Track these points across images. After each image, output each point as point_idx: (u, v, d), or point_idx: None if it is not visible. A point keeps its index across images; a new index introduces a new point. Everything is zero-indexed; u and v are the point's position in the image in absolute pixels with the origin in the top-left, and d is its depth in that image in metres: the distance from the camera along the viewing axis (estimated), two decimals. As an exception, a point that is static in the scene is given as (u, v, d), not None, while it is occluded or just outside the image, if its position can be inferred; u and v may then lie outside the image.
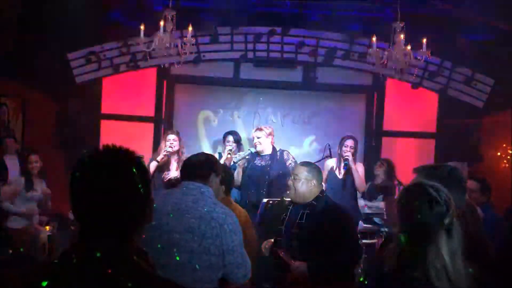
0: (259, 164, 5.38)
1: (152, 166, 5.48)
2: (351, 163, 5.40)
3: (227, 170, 3.73)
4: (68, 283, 1.20)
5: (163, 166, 5.60)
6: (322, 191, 3.48)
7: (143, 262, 1.29)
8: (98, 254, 1.22)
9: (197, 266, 2.47)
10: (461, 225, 1.89)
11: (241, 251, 2.61)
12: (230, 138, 5.87)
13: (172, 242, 2.52)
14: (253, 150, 5.49)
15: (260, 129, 5.48)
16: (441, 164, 2.71)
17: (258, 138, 5.43)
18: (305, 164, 3.57)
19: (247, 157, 5.52)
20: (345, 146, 5.44)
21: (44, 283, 1.20)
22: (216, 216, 2.55)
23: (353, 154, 5.57)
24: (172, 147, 5.59)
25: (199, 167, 2.77)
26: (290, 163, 5.25)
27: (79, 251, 1.26)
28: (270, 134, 5.46)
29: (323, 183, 3.74)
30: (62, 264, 1.24)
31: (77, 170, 1.31)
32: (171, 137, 5.68)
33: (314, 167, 3.53)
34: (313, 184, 3.40)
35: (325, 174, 5.43)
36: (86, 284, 1.19)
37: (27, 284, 1.24)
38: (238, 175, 5.40)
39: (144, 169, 1.37)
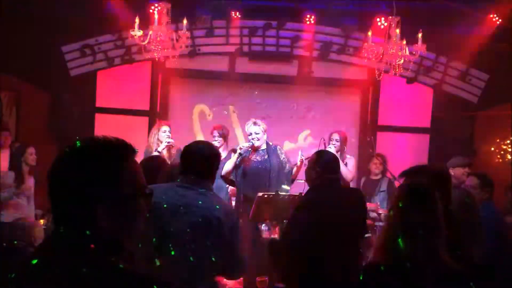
0: (255, 160, 5.23)
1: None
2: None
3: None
4: (37, 273, 1.23)
5: None
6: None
7: (114, 256, 1.25)
8: (54, 244, 1.26)
9: (195, 263, 2.46)
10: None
11: (239, 247, 2.63)
12: (216, 132, 5.66)
13: (168, 237, 2.49)
14: (251, 143, 5.15)
15: (257, 124, 5.19)
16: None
17: (256, 134, 5.14)
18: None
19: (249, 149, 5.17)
20: (330, 140, 5.56)
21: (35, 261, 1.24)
22: (218, 213, 2.52)
23: (342, 147, 5.65)
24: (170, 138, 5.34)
25: (204, 161, 2.61)
26: (283, 158, 5.16)
27: (45, 241, 1.31)
28: (265, 130, 5.29)
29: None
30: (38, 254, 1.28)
31: None
32: (167, 128, 5.45)
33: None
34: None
35: None
36: (47, 274, 1.21)
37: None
38: (231, 165, 5.10)
39: (111, 165, 1.29)
